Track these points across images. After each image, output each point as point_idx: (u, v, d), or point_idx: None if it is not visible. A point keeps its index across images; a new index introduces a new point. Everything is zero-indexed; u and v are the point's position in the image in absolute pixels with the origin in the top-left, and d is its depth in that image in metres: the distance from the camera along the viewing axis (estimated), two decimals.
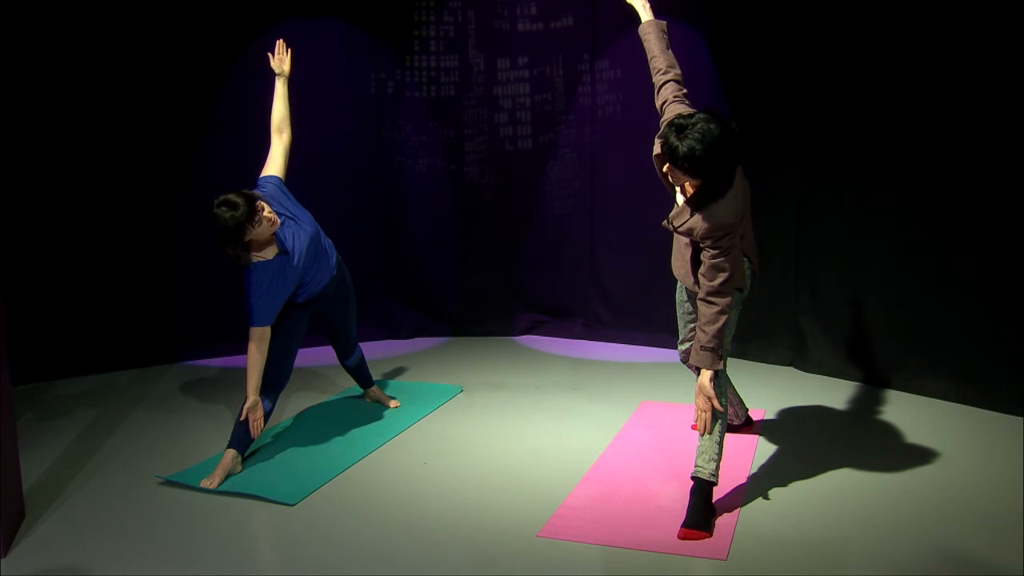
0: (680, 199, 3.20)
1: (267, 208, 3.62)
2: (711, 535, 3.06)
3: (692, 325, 3.56)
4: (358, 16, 5.86)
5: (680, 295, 3.64)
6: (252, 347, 3.67)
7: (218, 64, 5.52)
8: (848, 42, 4.68)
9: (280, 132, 4.01)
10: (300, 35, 5.70)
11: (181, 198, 5.53)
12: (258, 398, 3.72)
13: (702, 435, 3.19)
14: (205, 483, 3.56)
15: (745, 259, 3.31)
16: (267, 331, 3.71)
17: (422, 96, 6.07)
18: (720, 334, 3.07)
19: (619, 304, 5.97)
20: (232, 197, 3.55)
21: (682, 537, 3.04)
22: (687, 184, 3.09)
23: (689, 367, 3.57)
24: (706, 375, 3.10)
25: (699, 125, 2.86)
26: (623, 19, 5.71)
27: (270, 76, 5.63)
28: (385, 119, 6.05)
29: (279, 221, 3.68)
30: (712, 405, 3.11)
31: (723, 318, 3.05)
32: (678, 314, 3.70)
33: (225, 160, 5.55)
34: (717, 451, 3.18)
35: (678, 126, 2.89)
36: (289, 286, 3.77)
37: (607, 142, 5.88)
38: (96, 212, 5.26)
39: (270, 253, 3.71)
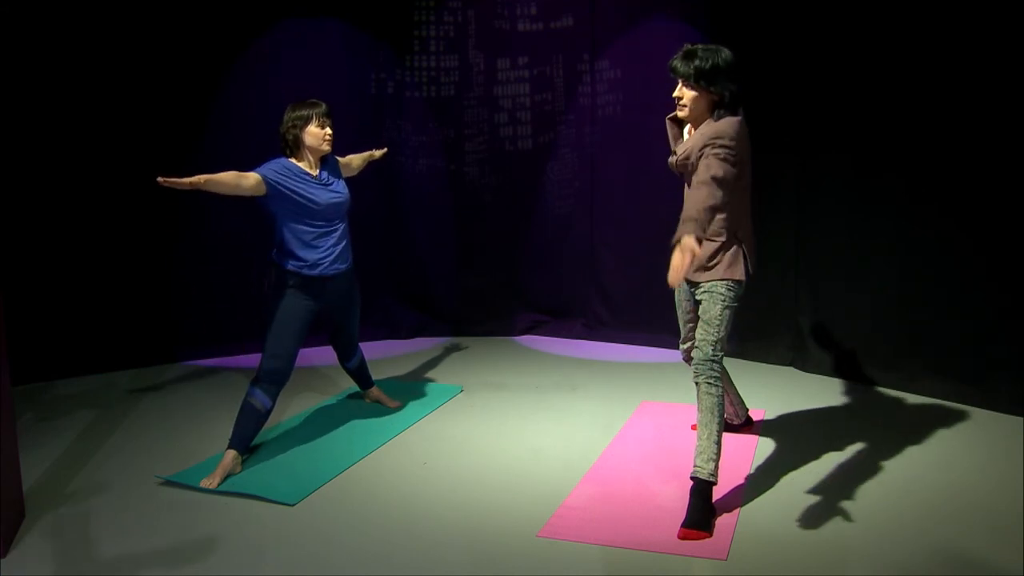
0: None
1: (331, 134, 3.92)
2: (711, 535, 3.06)
3: (691, 325, 3.57)
4: (358, 16, 5.87)
5: (679, 295, 3.64)
6: (232, 171, 3.65)
7: (218, 64, 5.53)
8: (848, 42, 4.68)
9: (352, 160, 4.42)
10: (300, 35, 5.73)
11: (181, 198, 5.50)
12: (203, 179, 3.53)
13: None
14: (205, 483, 3.56)
15: (742, 250, 3.31)
16: (253, 175, 3.67)
17: (422, 96, 6.07)
18: (706, 211, 2.95)
19: (619, 304, 5.97)
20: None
21: (682, 537, 3.04)
22: (689, 107, 3.23)
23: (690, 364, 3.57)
24: (689, 237, 2.86)
25: (706, 46, 3.21)
26: (623, 19, 5.74)
27: (270, 76, 5.66)
28: (385, 119, 6.05)
29: (328, 151, 3.95)
30: (686, 261, 2.84)
31: (710, 201, 2.98)
32: (678, 313, 3.70)
33: (225, 160, 5.50)
34: (715, 451, 3.18)
35: (688, 51, 3.20)
36: (299, 197, 3.77)
37: (607, 142, 5.89)
38: (96, 212, 5.26)
39: (307, 167, 3.88)
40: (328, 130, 3.91)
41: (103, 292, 5.33)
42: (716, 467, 3.18)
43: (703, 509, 3.13)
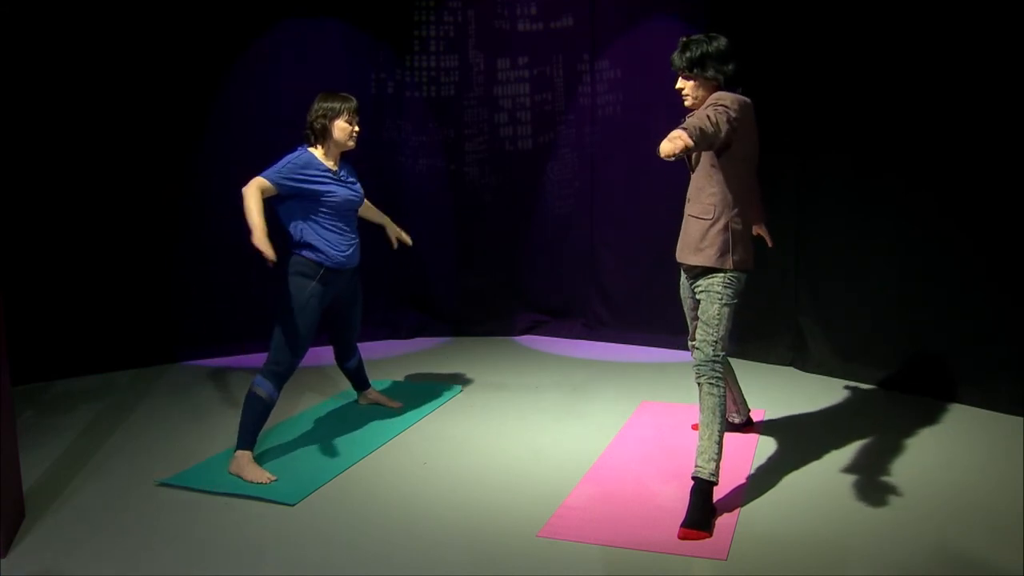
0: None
1: (359, 131, 3.92)
2: (711, 535, 3.06)
3: (696, 323, 3.56)
4: (358, 16, 5.87)
5: (682, 291, 3.63)
6: (249, 195, 3.60)
7: (218, 64, 5.53)
8: (848, 42, 4.68)
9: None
10: (300, 35, 5.74)
11: (181, 198, 5.53)
12: (261, 229, 3.56)
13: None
14: (261, 480, 3.57)
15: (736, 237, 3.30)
16: (264, 185, 3.65)
17: (422, 96, 6.07)
18: (700, 125, 3.00)
19: (619, 304, 5.97)
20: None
21: (682, 537, 3.04)
22: (691, 96, 3.36)
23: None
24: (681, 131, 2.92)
25: (700, 36, 3.35)
26: (623, 19, 5.74)
27: (269, 76, 5.66)
28: (385, 119, 6.05)
29: (353, 147, 3.92)
30: (673, 145, 2.84)
31: (705, 123, 3.02)
32: (684, 310, 3.69)
33: (225, 160, 5.56)
34: (716, 451, 3.18)
35: (683, 43, 3.34)
36: (317, 190, 3.77)
37: (607, 142, 5.89)
38: (96, 212, 5.26)
39: (329, 163, 3.87)
40: (356, 128, 3.90)
41: (103, 292, 5.33)
42: (717, 467, 3.18)
43: (703, 509, 3.13)
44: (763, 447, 3.93)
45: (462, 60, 6.04)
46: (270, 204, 3.76)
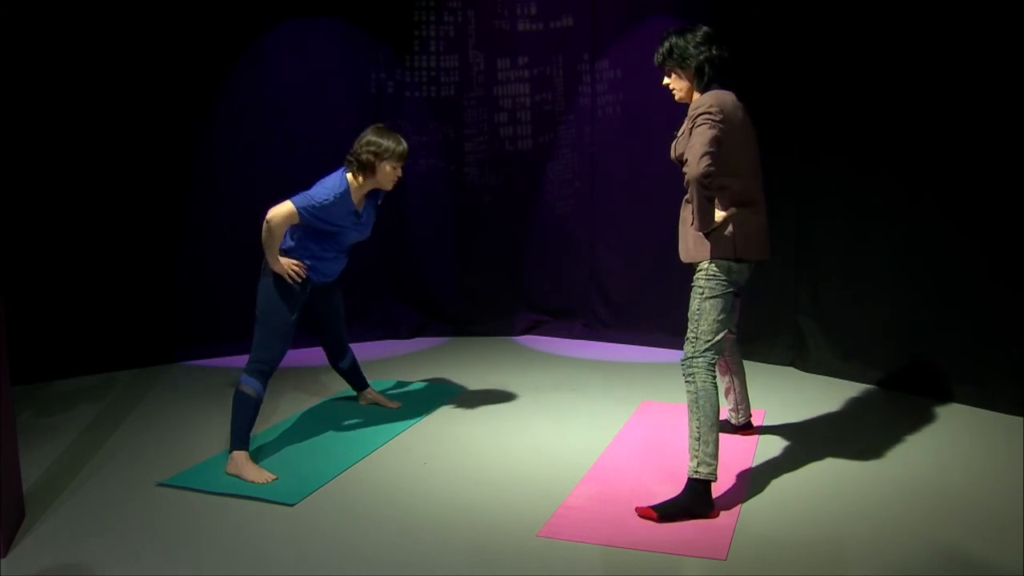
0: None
1: (400, 175, 3.90)
2: (659, 520, 3.13)
3: None
4: (358, 16, 5.87)
5: None
6: (273, 226, 3.64)
7: (218, 64, 5.53)
8: (848, 42, 4.68)
9: None
10: (300, 35, 5.74)
11: (181, 198, 5.53)
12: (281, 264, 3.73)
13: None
14: (261, 478, 3.57)
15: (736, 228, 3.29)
16: (293, 216, 3.68)
17: (422, 96, 6.07)
18: (700, 203, 3.10)
19: (619, 304, 5.97)
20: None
21: (637, 510, 3.18)
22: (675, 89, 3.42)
23: None
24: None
25: (673, 30, 3.42)
26: (623, 19, 5.74)
27: (270, 76, 5.66)
28: (385, 119, 6.04)
29: (390, 190, 3.94)
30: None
31: (698, 186, 3.08)
32: None
33: (224, 160, 5.56)
34: (697, 447, 3.20)
35: (661, 40, 3.41)
36: (332, 228, 3.81)
37: (607, 142, 5.88)
38: (96, 212, 5.26)
39: (357, 199, 3.87)
40: (400, 173, 3.89)
41: (103, 292, 5.33)
42: (700, 463, 3.19)
43: (677, 500, 3.20)
44: (763, 447, 3.93)
45: (462, 60, 6.04)
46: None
